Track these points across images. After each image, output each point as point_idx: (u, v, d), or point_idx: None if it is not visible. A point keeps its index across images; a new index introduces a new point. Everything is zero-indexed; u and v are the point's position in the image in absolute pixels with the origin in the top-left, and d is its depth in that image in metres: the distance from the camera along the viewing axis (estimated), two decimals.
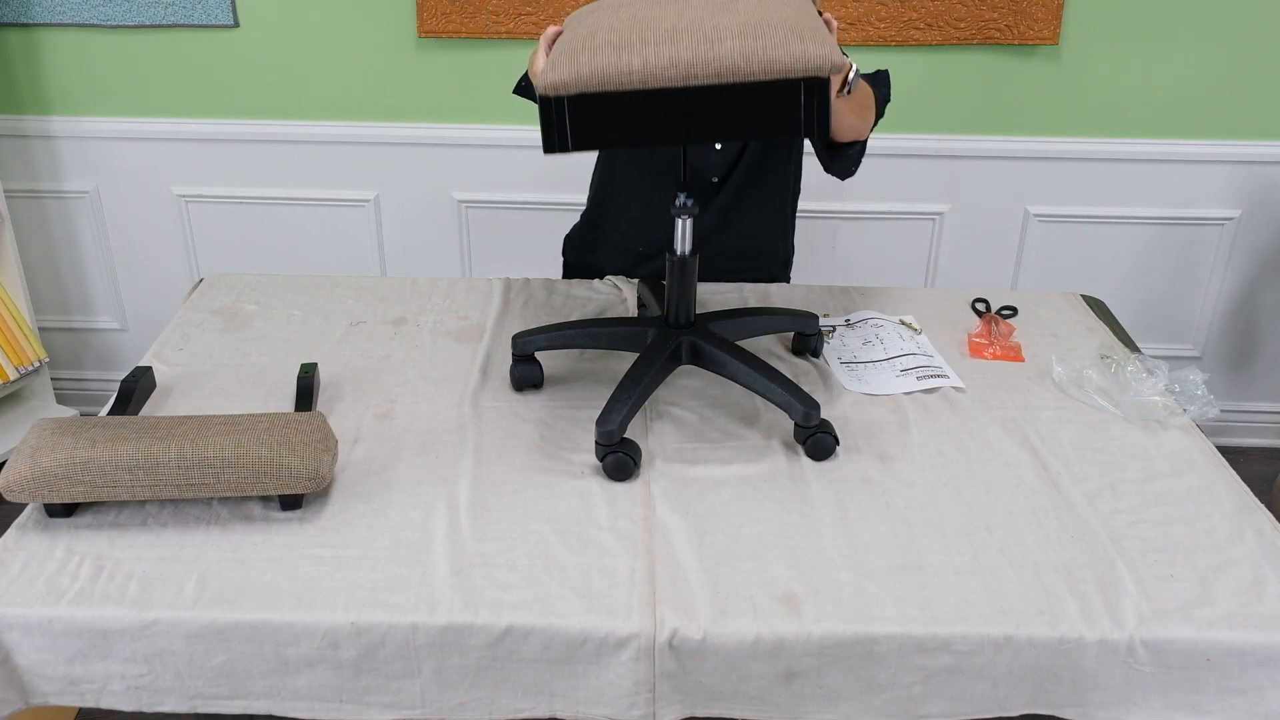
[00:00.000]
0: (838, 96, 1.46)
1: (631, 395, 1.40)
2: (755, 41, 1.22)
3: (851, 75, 1.45)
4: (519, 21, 2.46)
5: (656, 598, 1.18)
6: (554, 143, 1.29)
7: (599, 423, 1.37)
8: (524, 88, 1.73)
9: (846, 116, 1.56)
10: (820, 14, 1.37)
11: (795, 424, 1.44)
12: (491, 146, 2.62)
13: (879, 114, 1.69)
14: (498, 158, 2.63)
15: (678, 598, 1.18)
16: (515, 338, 1.57)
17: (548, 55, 1.36)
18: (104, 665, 1.17)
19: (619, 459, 1.37)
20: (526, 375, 1.58)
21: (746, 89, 1.26)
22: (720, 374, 1.51)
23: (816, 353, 1.70)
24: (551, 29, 1.41)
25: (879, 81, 1.72)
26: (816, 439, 1.42)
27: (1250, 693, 1.16)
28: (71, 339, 2.90)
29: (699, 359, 1.52)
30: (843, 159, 1.70)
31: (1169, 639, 1.15)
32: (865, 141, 1.70)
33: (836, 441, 1.43)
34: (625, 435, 1.40)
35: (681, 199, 1.47)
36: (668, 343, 1.50)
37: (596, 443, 1.38)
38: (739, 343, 1.55)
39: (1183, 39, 2.48)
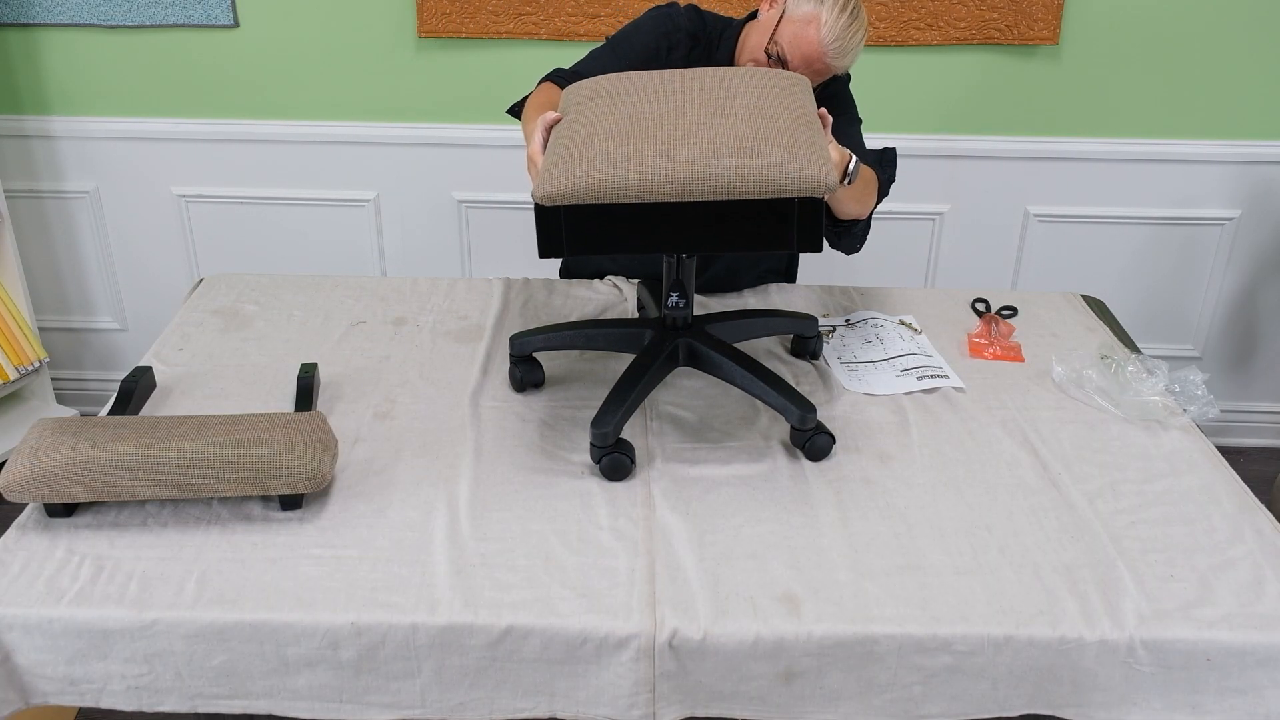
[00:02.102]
0: (838, 188, 1.42)
1: (627, 397, 1.40)
2: (751, 160, 1.22)
3: (851, 166, 1.42)
4: (519, 21, 2.45)
5: (656, 598, 1.18)
6: (550, 248, 1.31)
7: (594, 424, 1.37)
8: (515, 110, 1.73)
9: (846, 203, 1.53)
10: (818, 108, 1.35)
11: (792, 427, 1.43)
12: (491, 146, 2.61)
13: (883, 193, 1.67)
14: (498, 158, 2.63)
15: (678, 598, 1.18)
16: (513, 339, 1.57)
17: (544, 137, 1.35)
18: (104, 665, 1.17)
19: (614, 459, 1.37)
20: (527, 375, 1.58)
21: (741, 205, 1.27)
22: (716, 376, 1.51)
23: (815, 355, 1.69)
24: (551, 115, 1.37)
25: (885, 161, 1.69)
26: (813, 441, 1.42)
27: (1250, 693, 1.16)
28: (71, 339, 2.90)
29: (695, 361, 1.52)
30: (847, 237, 1.69)
31: (1169, 639, 1.15)
32: (869, 220, 1.68)
33: (833, 441, 1.43)
34: (622, 436, 1.39)
35: (674, 299, 1.47)
36: (664, 344, 1.50)
37: (591, 444, 1.38)
38: (737, 344, 1.55)
39: (1183, 39, 2.48)
